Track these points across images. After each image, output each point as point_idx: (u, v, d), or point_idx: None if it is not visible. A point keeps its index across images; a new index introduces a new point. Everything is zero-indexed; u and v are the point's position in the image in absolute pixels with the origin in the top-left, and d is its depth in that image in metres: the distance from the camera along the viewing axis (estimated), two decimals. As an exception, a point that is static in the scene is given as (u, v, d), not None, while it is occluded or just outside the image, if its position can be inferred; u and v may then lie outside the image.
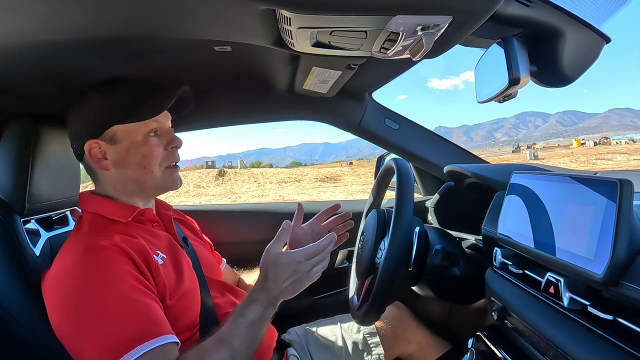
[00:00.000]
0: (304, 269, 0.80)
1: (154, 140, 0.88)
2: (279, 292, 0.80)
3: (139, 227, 0.88)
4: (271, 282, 0.79)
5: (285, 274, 0.79)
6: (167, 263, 0.85)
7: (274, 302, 0.80)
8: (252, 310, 0.78)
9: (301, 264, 0.80)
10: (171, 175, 0.92)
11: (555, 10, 0.76)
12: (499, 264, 0.79)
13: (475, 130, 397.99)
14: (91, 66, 0.87)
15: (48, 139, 0.98)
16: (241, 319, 0.77)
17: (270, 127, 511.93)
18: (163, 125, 0.91)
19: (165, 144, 0.90)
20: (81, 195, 0.92)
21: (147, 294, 0.74)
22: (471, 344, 0.84)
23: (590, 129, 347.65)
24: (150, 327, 0.70)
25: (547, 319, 0.62)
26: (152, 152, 0.88)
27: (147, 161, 0.87)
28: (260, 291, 0.80)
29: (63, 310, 0.72)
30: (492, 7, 0.59)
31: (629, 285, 0.49)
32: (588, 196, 0.58)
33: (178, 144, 0.92)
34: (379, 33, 0.66)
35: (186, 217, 1.14)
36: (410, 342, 1.18)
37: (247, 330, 0.76)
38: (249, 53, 0.91)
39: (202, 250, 1.04)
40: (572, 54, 0.80)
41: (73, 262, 0.75)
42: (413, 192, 0.88)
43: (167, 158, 0.91)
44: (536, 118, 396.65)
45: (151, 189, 0.92)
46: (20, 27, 0.65)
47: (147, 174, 0.88)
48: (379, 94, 22.70)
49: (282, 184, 25.18)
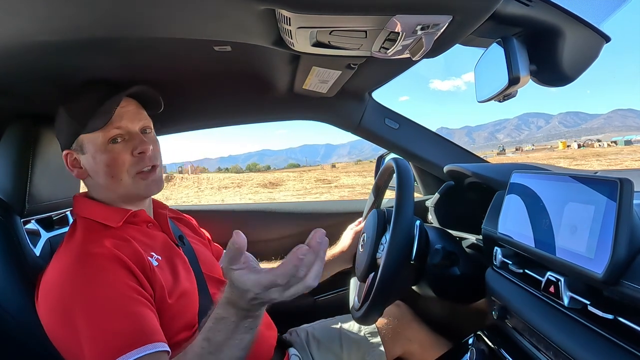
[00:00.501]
0: (268, 297, 0.63)
1: (117, 147, 0.85)
2: (248, 306, 0.65)
3: (132, 228, 0.88)
4: (237, 297, 0.65)
5: (248, 296, 0.63)
6: (162, 264, 0.85)
7: (247, 313, 0.66)
8: (220, 330, 0.66)
9: (263, 293, 0.62)
10: (143, 181, 0.87)
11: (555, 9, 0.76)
12: (499, 263, 0.79)
13: (477, 132, 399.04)
14: (91, 66, 0.87)
15: (48, 139, 0.98)
16: (205, 343, 0.67)
17: (271, 129, 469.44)
18: (129, 129, 0.87)
19: (132, 150, 0.86)
20: (75, 199, 0.92)
21: (139, 301, 0.73)
22: (471, 343, 0.84)
23: (593, 130, 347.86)
24: (141, 334, 0.69)
25: (547, 318, 0.62)
26: (116, 160, 0.84)
27: (113, 170, 0.85)
28: (226, 305, 0.67)
29: (54, 317, 0.72)
30: (492, 6, 0.59)
31: (629, 284, 0.49)
32: (588, 195, 0.58)
33: (144, 149, 0.86)
34: (378, 33, 0.66)
35: (183, 215, 1.14)
36: (411, 341, 1.18)
37: (220, 354, 0.66)
38: (249, 53, 0.91)
39: (200, 247, 1.04)
40: (571, 53, 0.80)
41: (64, 270, 0.74)
42: (413, 192, 0.88)
43: (135, 164, 0.86)
44: (538, 119, 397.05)
45: (125, 197, 0.89)
46: (20, 28, 0.65)
47: (116, 183, 0.86)
48: (380, 95, 22.74)
49: (222, 189, 25.79)
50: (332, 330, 1.18)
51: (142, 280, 0.77)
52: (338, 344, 1.14)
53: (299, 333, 1.19)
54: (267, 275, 0.62)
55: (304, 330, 1.20)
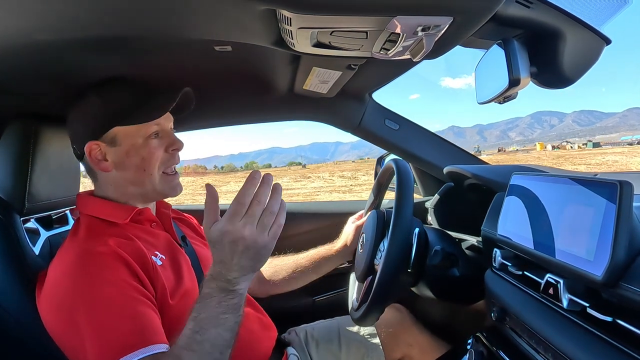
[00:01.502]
0: (241, 235, 0.66)
1: (154, 143, 0.88)
2: (230, 271, 0.68)
3: (136, 227, 0.88)
4: (219, 264, 0.68)
5: (226, 251, 0.67)
6: (166, 264, 0.85)
7: (228, 286, 0.68)
8: (203, 308, 0.68)
9: (235, 231, 0.66)
10: (170, 182, 0.91)
11: (556, 11, 0.76)
12: (498, 265, 0.79)
13: (489, 130, 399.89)
14: (91, 65, 0.87)
15: (48, 138, 0.98)
16: (191, 323, 0.68)
17: (282, 127, 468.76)
18: (164, 127, 0.90)
19: (166, 147, 0.89)
20: (79, 197, 0.92)
21: (141, 300, 0.73)
22: (470, 345, 0.84)
23: (608, 128, 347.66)
24: (142, 335, 0.69)
25: (546, 320, 0.62)
26: (152, 155, 0.87)
27: (147, 164, 0.87)
28: (208, 281, 0.70)
29: (56, 315, 0.72)
30: (493, 8, 0.59)
31: (628, 287, 0.49)
32: (588, 197, 0.58)
33: (179, 146, 0.91)
34: (379, 33, 0.66)
35: (184, 215, 1.14)
36: (411, 345, 1.18)
37: (205, 333, 0.67)
38: (249, 53, 0.91)
39: (202, 248, 1.04)
40: (572, 55, 0.80)
41: (67, 269, 0.74)
42: (413, 193, 0.88)
43: (166, 161, 0.90)
44: (552, 117, 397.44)
45: (150, 193, 0.91)
46: (20, 26, 0.65)
47: (147, 177, 0.87)
48: (390, 93, 22.35)
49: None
50: (331, 331, 1.18)
51: (144, 279, 0.77)
52: (337, 344, 1.14)
53: (297, 333, 1.19)
54: (231, 205, 0.67)
55: (303, 330, 1.20)
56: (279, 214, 0.71)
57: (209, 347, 0.66)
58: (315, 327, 1.22)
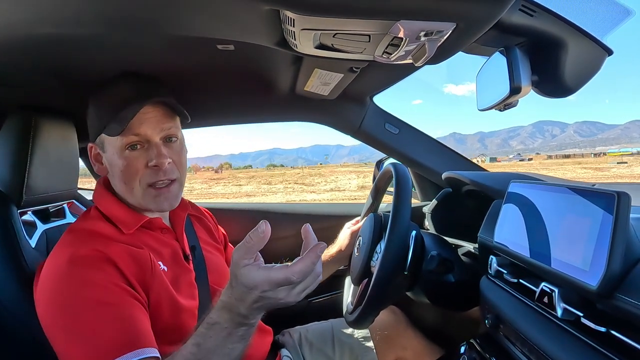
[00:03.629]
0: (275, 297, 0.61)
1: (134, 155, 0.82)
2: (246, 311, 0.62)
3: (144, 232, 0.86)
4: (237, 299, 0.62)
5: (252, 297, 0.61)
6: (168, 275, 0.84)
7: (243, 320, 0.64)
8: (211, 336, 0.64)
9: (271, 292, 0.60)
10: (154, 195, 0.83)
11: (559, 20, 0.76)
12: (494, 272, 0.79)
13: (490, 138, 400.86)
14: (92, 60, 0.87)
15: (48, 131, 0.98)
16: (194, 349, 0.64)
17: (284, 128, 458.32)
18: (148, 137, 0.82)
19: (147, 161, 0.82)
20: (97, 186, 0.90)
21: (131, 303, 0.72)
22: (463, 351, 0.84)
23: (609, 140, 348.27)
24: (131, 338, 0.67)
25: (540, 328, 0.62)
26: (129, 168, 0.81)
27: (126, 177, 0.82)
28: (221, 310, 0.64)
29: (47, 313, 0.71)
30: (496, 15, 0.59)
31: (623, 298, 0.49)
32: (585, 207, 0.58)
33: (159, 163, 0.81)
34: (382, 37, 0.66)
35: (203, 212, 1.12)
36: (405, 349, 1.18)
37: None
38: (252, 53, 0.91)
39: (213, 254, 1.01)
40: (574, 65, 0.80)
41: (59, 268, 0.73)
42: (410, 198, 0.88)
43: (147, 176, 0.82)
44: (554, 127, 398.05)
45: (136, 206, 0.86)
46: (23, 19, 0.65)
47: (129, 190, 0.83)
48: (393, 98, 22.29)
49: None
50: (325, 333, 1.18)
51: (135, 284, 0.75)
52: (330, 347, 1.14)
53: (291, 334, 1.19)
54: (280, 270, 0.59)
55: (297, 331, 1.20)
56: (317, 279, 0.65)
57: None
58: (310, 329, 1.21)
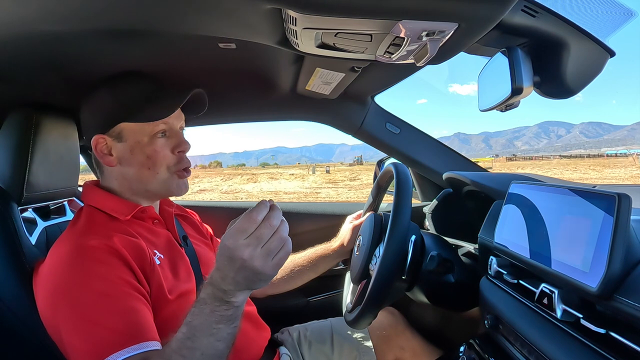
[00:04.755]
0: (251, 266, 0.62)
1: (160, 142, 0.87)
2: (226, 283, 0.64)
3: (138, 224, 0.88)
4: (220, 274, 0.64)
5: (231, 268, 0.63)
6: (164, 263, 0.85)
7: (223, 296, 0.65)
8: (197, 313, 0.65)
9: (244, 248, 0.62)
10: (178, 180, 0.90)
11: (561, 21, 0.76)
12: (494, 273, 0.79)
13: (495, 138, 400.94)
14: (93, 58, 0.87)
15: (49, 128, 0.98)
16: (185, 328, 0.65)
17: (288, 126, 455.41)
18: (172, 126, 0.89)
19: (172, 147, 0.88)
20: (85, 186, 0.91)
21: (134, 296, 0.72)
22: (462, 352, 0.84)
23: (615, 141, 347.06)
24: (134, 332, 0.68)
25: (539, 329, 0.62)
26: (157, 154, 0.86)
27: (152, 162, 0.86)
28: (206, 287, 0.66)
29: (50, 307, 0.72)
30: (498, 15, 0.59)
31: (622, 300, 0.49)
32: (586, 209, 0.58)
33: (185, 148, 0.89)
34: (384, 37, 0.66)
35: (187, 212, 1.14)
36: (404, 349, 1.18)
37: (197, 341, 0.64)
38: (253, 51, 0.91)
39: (202, 248, 1.03)
40: (576, 66, 0.80)
41: (63, 261, 0.73)
42: (411, 199, 0.88)
43: (173, 162, 0.88)
44: (559, 128, 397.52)
45: (154, 192, 0.90)
46: (25, 15, 0.65)
47: (151, 176, 0.87)
48: (398, 97, 22.29)
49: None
50: (324, 332, 1.18)
51: (140, 275, 0.76)
52: (329, 345, 1.14)
53: (290, 332, 1.19)
54: (239, 220, 0.63)
55: (296, 329, 1.20)
56: (287, 243, 0.65)
57: (199, 355, 0.64)
58: (309, 327, 1.22)
